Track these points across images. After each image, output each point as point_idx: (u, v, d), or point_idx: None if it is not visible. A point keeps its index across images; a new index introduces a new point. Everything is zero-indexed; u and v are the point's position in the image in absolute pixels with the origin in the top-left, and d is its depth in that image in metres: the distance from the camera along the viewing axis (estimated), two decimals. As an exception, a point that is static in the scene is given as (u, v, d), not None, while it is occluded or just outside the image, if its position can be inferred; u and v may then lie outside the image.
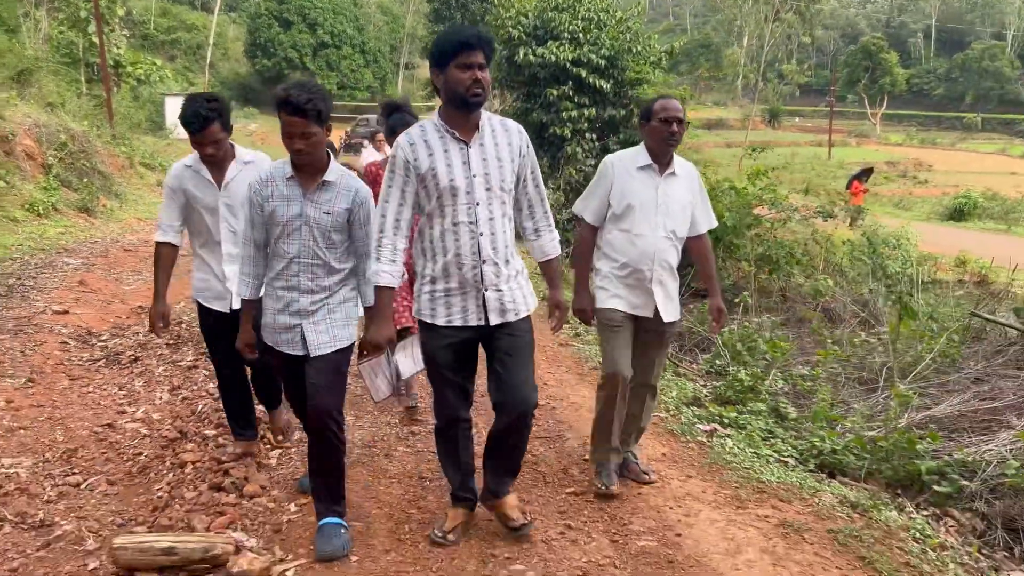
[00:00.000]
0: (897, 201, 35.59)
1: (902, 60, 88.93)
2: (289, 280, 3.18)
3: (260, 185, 3.18)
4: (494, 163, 2.98)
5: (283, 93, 2.98)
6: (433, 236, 3.02)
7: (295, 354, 3.22)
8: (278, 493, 3.68)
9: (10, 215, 11.48)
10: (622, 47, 13.04)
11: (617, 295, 3.71)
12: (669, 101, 3.70)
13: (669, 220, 3.68)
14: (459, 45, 2.82)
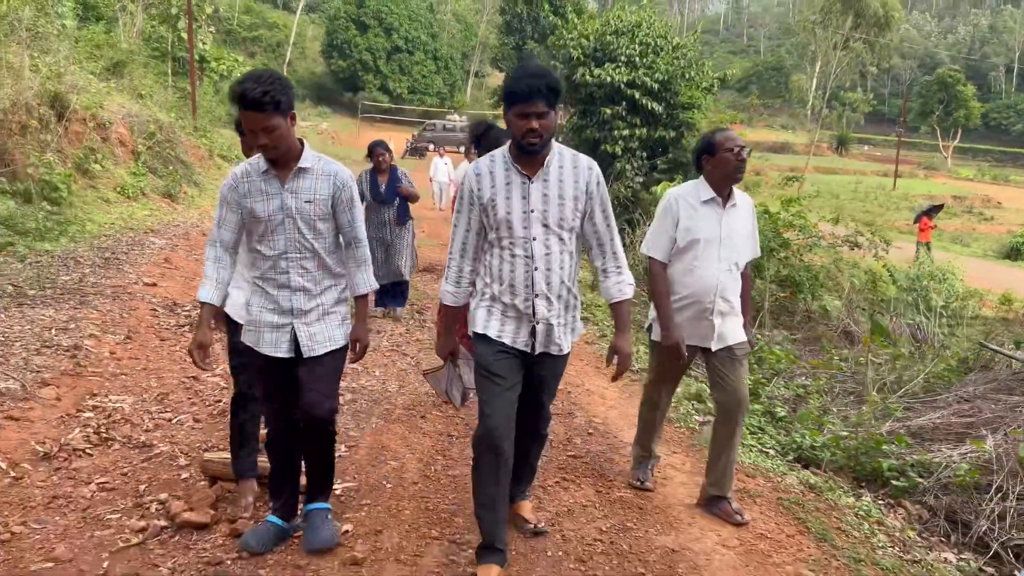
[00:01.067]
0: (957, 236, 35.27)
1: (981, 94, 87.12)
2: (279, 278, 3.08)
3: (236, 182, 3.08)
4: (555, 200, 2.97)
5: (238, 88, 2.88)
6: (492, 263, 3.05)
7: (278, 356, 3.10)
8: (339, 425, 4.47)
9: (104, 196, 12.64)
10: (676, 72, 13.70)
11: (679, 327, 3.75)
12: (728, 132, 3.75)
13: (732, 252, 3.73)
14: (516, 96, 2.86)
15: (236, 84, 2.88)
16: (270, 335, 3.09)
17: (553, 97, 2.88)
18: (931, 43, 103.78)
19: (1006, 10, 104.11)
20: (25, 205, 9.82)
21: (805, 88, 51.18)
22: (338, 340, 3.16)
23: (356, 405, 5.06)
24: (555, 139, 3.05)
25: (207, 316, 3.11)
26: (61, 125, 12.34)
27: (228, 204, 3.07)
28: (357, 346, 3.23)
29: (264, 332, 3.10)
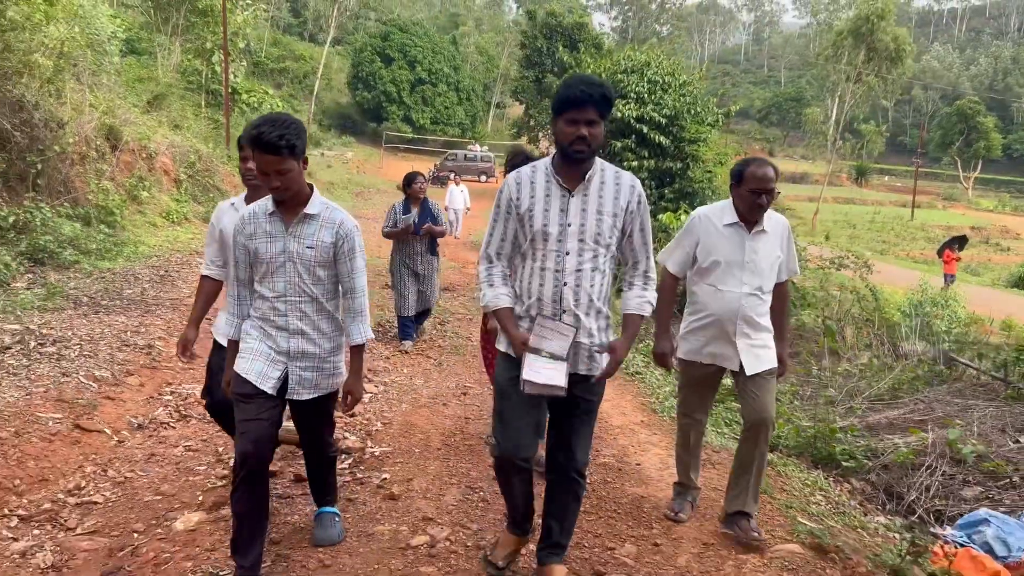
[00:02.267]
0: (968, 266, 35.79)
1: (1004, 125, 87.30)
2: (277, 320, 3.09)
3: (243, 224, 3.09)
4: (593, 215, 2.91)
5: (254, 131, 2.91)
6: (522, 276, 3.01)
7: (265, 390, 3.06)
8: (374, 407, 5.36)
9: (152, 220, 13.73)
10: (683, 108, 14.64)
11: (699, 350, 3.80)
12: (762, 169, 3.64)
13: (756, 277, 3.67)
14: (569, 101, 2.82)
15: (252, 127, 2.95)
16: (261, 365, 3.06)
17: (605, 108, 2.85)
18: (952, 74, 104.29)
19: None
20: (86, 228, 10.86)
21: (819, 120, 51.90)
22: (325, 389, 3.21)
23: (388, 395, 5.96)
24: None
25: (232, 354, 3.19)
26: (115, 155, 13.48)
27: (237, 245, 3.10)
28: (348, 398, 3.20)
29: (256, 361, 3.07)
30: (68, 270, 9.22)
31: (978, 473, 5.19)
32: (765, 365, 3.73)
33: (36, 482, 4.03)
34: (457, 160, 42.73)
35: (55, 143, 10.88)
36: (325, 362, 3.17)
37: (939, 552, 4.14)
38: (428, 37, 58.66)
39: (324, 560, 3.28)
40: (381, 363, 6.82)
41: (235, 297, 3.18)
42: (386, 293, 10.64)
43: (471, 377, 6.67)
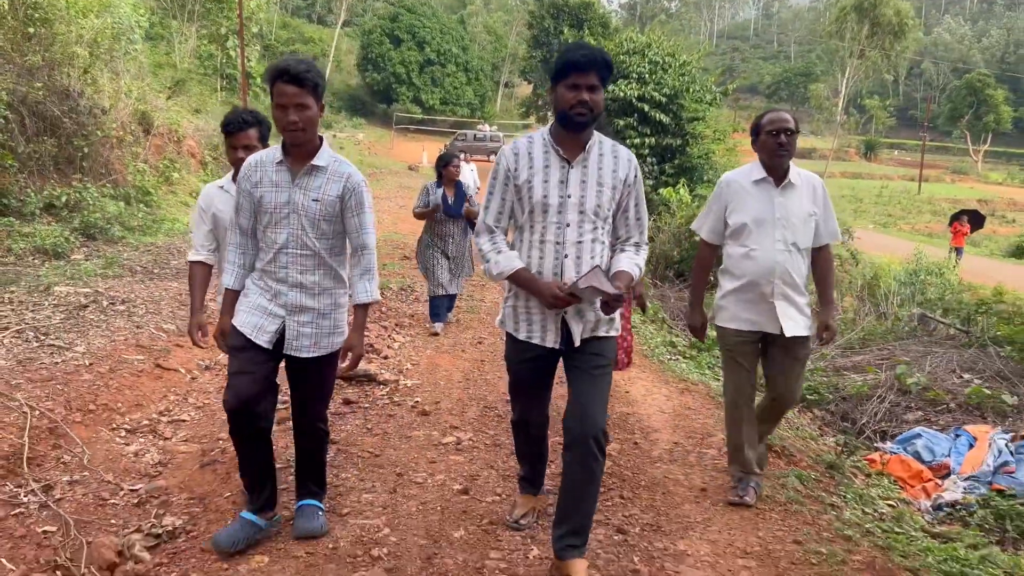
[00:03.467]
0: (971, 239, 36.32)
1: (1016, 98, 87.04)
2: (278, 272, 3.01)
3: (250, 170, 3.02)
4: (593, 187, 2.87)
5: (280, 63, 2.89)
6: (521, 250, 2.96)
7: (259, 343, 3.00)
8: (404, 352, 6.25)
9: (183, 200, 14.63)
10: (682, 87, 15.40)
11: (737, 315, 3.69)
12: (777, 113, 3.67)
13: (789, 232, 3.58)
14: (570, 65, 2.77)
15: (277, 61, 2.93)
16: (258, 319, 3.01)
17: (606, 73, 2.81)
18: (964, 47, 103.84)
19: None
20: (128, 206, 11.77)
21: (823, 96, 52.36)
22: (326, 348, 3.11)
23: (415, 343, 6.85)
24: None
25: (231, 302, 3.12)
26: (147, 139, 14.37)
27: (242, 191, 3.04)
28: (349, 355, 3.12)
29: (253, 314, 3.02)
30: (116, 244, 10.15)
31: (921, 401, 6.05)
32: (804, 330, 3.65)
33: (133, 406, 4.94)
34: (467, 140, 43.33)
35: (97, 128, 11.78)
36: (324, 318, 3.08)
37: (876, 459, 5.02)
38: (437, 18, 58.99)
39: (374, 452, 4.17)
40: (406, 319, 7.71)
41: (236, 246, 3.11)
42: (407, 263, 11.54)
43: (484, 331, 7.56)
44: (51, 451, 4.09)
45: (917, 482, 4.74)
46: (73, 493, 3.69)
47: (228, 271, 3.14)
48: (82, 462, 4.05)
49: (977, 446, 5.04)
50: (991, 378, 6.49)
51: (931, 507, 4.45)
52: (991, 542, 3.91)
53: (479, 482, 3.87)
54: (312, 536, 3.18)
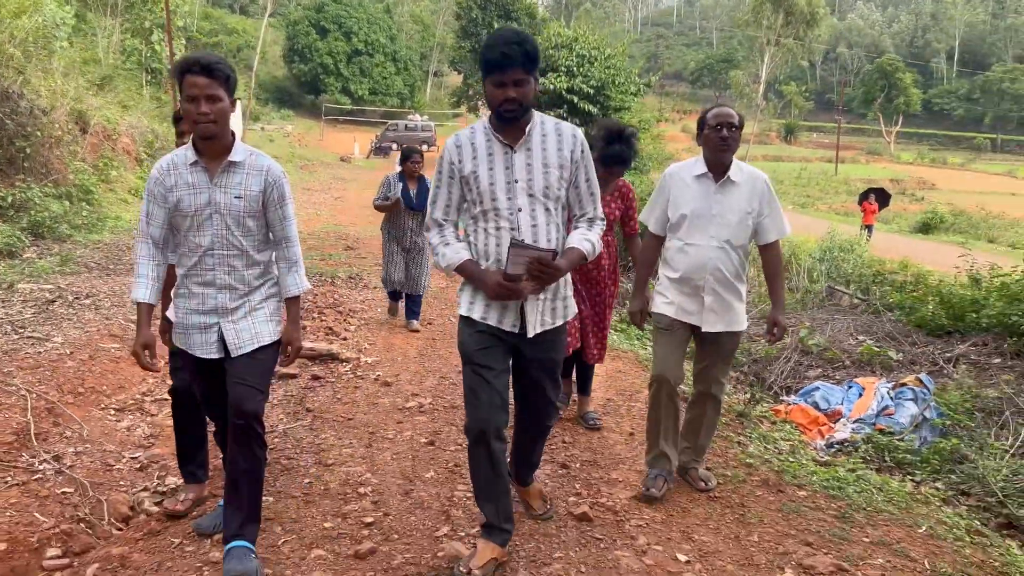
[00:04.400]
0: (882, 216, 38.15)
1: (925, 80, 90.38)
2: (204, 275, 2.93)
3: (161, 175, 2.90)
4: (539, 168, 2.85)
5: (189, 56, 2.81)
6: (477, 240, 2.95)
7: (209, 358, 2.98)
8: (360, 334, 6.80)
9: (122, 198, 14.81)
10: (608, 79, 16.16)
11: (670, 302, 3.70)
12: (721, 109, 3.66)
13: (724, 230, 3.58)
14: (491, 65, 2.72)
15: (185, 55, 2.88)
16: (199, 336, 2.97)
17: (531, 63, 2.75)
18: (875, 32, 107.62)
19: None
20: (71, 205, 11.97)
21: (743, 83, 54.12)
22: (264, 337, 3.01)
23: (369, 326, 7.39)
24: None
25: (145, 316, 2.97)
26: (85, 139, 14.49)
27: (155, 198, 2.92)
28: (288, 349, 3.08)
29: (192, 334, 2.97)
30: (65, 242, 10.40)
31: (821, 360, 6.89)
32: (726, 326, 3.66)
33: (117, 388, 5.41)
34: (398, 130, 43.47)
35: (38, 129, 11.93)
36: (257, 310, 3.01)
37: (781, 409, 5.80)
38: (363, 7, 58.72)
39: (347, 416, 4.75)
40: (358, 305, 8.24)
41: (148, 257, 2.95)
42: (351, 252, 12.03)
43: (433, 312, 8.14)
44: (53, 428, 4.55)
45: (814, 427, 5.52)
46: (81, 461, 4.18)
47: (141, 284, 2.94)
48: (82, 436, 4.53)
49: (865, 395, 5.85)
50: (882, 338, 7.36)
51: (824, 445, 5.22)
52: (871, 469, 4.69)
53: (442, 436, 4.49)
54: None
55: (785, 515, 3.59)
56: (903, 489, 4.27)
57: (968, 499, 4.52)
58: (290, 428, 4.57)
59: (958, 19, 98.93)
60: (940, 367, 6.68)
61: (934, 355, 6.93)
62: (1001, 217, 34.44)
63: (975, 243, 27.69)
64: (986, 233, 30.38)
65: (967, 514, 4.11)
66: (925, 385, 5.82)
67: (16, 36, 13.12)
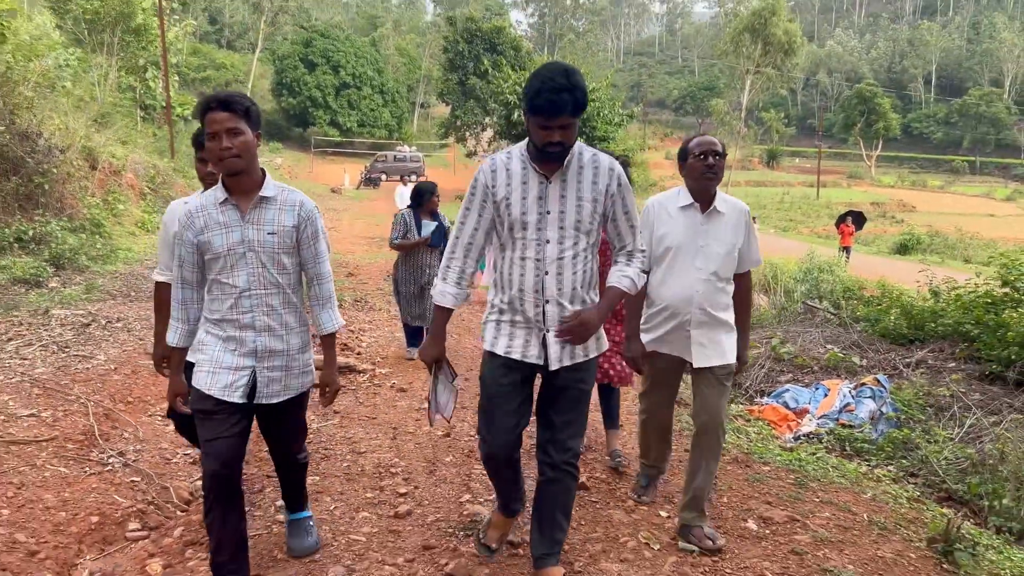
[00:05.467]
0: (862, 238, 39.12)
1: (904, 105, 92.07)
2: (242, 318, 2.85)
3: (191, 218, 2.84)
4: (572, 201, 2.80)
5: (207, 95, 2.81)
6: (503, 268, 2.90)
7: (230, 400, 2.86)
8: (373, 348, 7.43)
9: (130, 231, 15.46)
10: (593, 111, 16.98)
11: (658, 338, 3.61)
12: (704, 137, 3.59)
13: (711, 262, 3.48)
14: (538, 110, 2.65)
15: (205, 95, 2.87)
16: (226, 377, 2.84)
17: (580, 110, 2.69)
18: (854, 58, 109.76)
19: (923, 24, 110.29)
20: (88, 237, 12.61)
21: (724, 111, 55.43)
22: (296, 389, 3.01)
23: (379, 343, 8.03)
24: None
25: (178, 361, 2.98)
26: (94, 175, 15.15)
27: (184, 242, 2.85)
28: (326, 391, 3.10)
29: (220, 373, 2.85)
30: (84, 273, 11.03)
31: (792, 366, 7.57)
32: (716, 360, 3.54)
33: (159, 398, 6.02)
34: (387, 161, 44.24)
35: (54, 167, 12.60)
36: (294, 360, 2.95)
37: (755, 409, 6.47)
38: (350, 41, 59.91)
39: (371, 416, 5.39)
40: (366, 324, 8.89)
41: (179, 301, 2.93)
42: (352, 279, 12.68)
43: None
44: (112, 430, 5.17)
45: (784, 423, 6.20)
46: (142, 457, 4.80)
47: (172, 328, 2.94)
48: (138, 436, 5.16)
49: (830, 394, 6.54)
50: (848, 347, 8.06)
51: (792, 438, 5.89)
52: (832, 455, 5.36)
53: (456, 431, 5.13)
54: (306, 554, 3.31)
55: (750, 483, 4.26)
56: (857, 469, 4.94)
57: (915, 479, 5.20)
58: (323, 426, 5.21)
59: (934, 45, 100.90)
60: (900, 371, 7.38)
61: (895, 360, 7.63)
62: (976, 237, 35.45)
63: (952, 263, 28.66)
64: (962, 253, 31.35)
65: (912, 490, 4.78)
66: (882, 384, 6.51)
67: (29, 79, 13.81)
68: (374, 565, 3.22)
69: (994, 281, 8.32)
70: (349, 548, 3.39)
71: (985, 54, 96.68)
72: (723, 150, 3.54)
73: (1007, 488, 4.56)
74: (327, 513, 3.76)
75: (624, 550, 3.42)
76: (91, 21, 31.28)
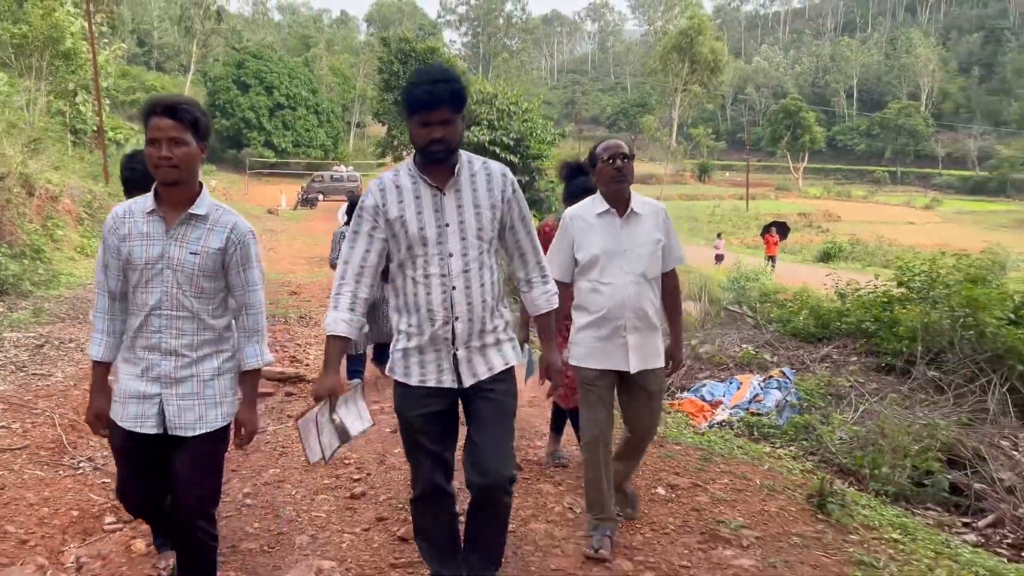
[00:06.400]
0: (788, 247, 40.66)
1: (828, 118, 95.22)
2: (150, 338, 2.66)
3: (116, 222, 2.68)
4: (470, 210, 2.73)
5: (154, 97, 2.64)
6: (405, 290, 2.77)
7: (144, 432, 2.68)
8: (319, 361, 7.85)
9: (69, 255, 15.56)
10: (527, 130, 17.67)
11: (592, 353, 3.53)
12: (611, 141, 3.59)
13: (638, 263, 3.48)
14: (416, 104, 2.61)
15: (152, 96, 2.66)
16: (135, 407, 2.68)
17: (458, 103, 2.64)
18: (780, 74, 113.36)
19: (843, 40, 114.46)
20: (29, 264, 12.73)
21: (654, 127, 56.97)
22: (212, 422, 2.73)
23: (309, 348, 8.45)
24: None
25: (101, 378, 2.80)
26: (32, 201, 15.23)
27: (108, 248, 2.70)
28: (243, 430, 2.83)
29: (129, 404, 2.69)
30: (28, 298, 11.19)
31: (710, 364, 8.24)
32: (652, 363, 3.55)
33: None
34: (324, 182, 44.28)
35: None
36: (207, 387, 2.73)
37: (675, 403, 7.10)
38: (283, 62, 59.83)
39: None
40: (312, 339, 9.32)
41: (103, 311, 2.78)
42: (295, 296, 13.05)
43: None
44: (79, 439, 5.54)
45: (701, 413, 6.83)
46: (109, 462, 5.17)
47: (95, 340, 2.79)
48: (103, 444, 5.50)
49: (742, 387, 7.21)
50: (762, 345, 8.78)
51: (707, 426, 6.53)
52: (740, 438, 6.00)
53: (402, 427, 5.63)
54: None
55: (662, 459, 4.86)
56: (760, 449, 5.58)
57: (814, 457, 5.87)
58: (279, 428, 5.65)
59: (854, 60, 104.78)
60: (807, 365, 8.11)
61: (803, 356, 8.37)
62: (894, 244, 37.21)
63: (871, 268, 30.12)
64: (881, 259, 32.92)
65: (809, 465, 5.44)
66: (787, 376, 7.21)
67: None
68: (335, 534, 3.72)
69: (891, 283, 9.15)
70: (312, 522, 3.87)
71: (903, 68, 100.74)
72: (630, 151, 3.57)
73: (885, 459, 5.25)
74: (289, 497, 4.23)
75: (551, 514, 3.98)
76: (18, 45, 30.95)
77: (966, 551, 4.04)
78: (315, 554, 3.50)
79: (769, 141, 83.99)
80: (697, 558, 3.56)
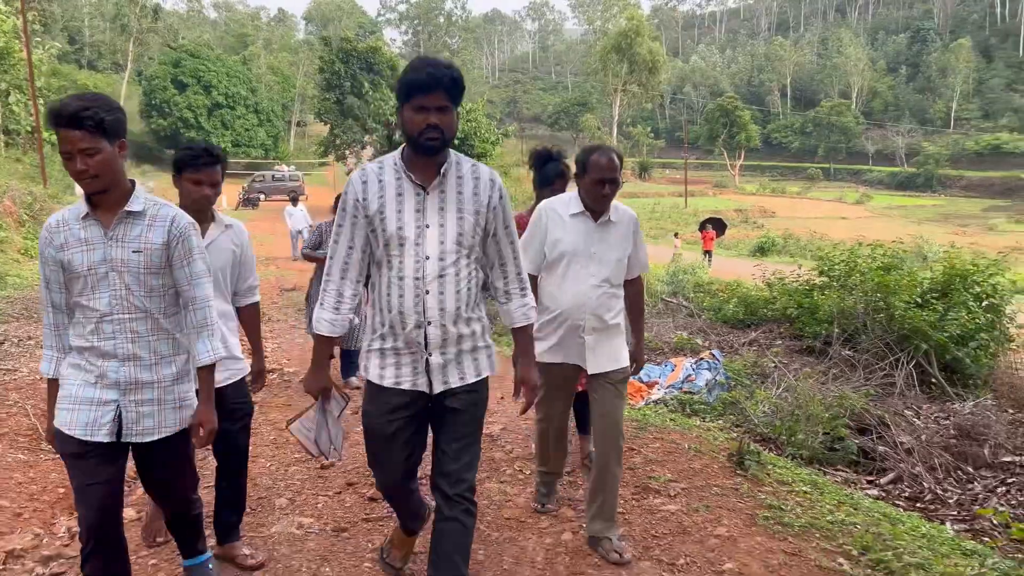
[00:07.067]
0: (723, 243, 41.80)
1: (763, 116, 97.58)
2: (103, 345, 2.58)
3: (50, 234, 2.61)
4: (452, 213, 2.63)
5: (54, 106, 2.48)
6: (381, 288, 2.70)
7: (95, 440, 2.58)
8: (278, 352, 8.20)
9: (13, 257, 15.52)
10: (471, 130, 18.13)
11: (551, 347, 3.58)
12: (605, 157, 3.50)
13: (603, 268, 3.50)
14: (414, 86, 2.52)
15: (53, 104, 2.51)
16: (88, 414, 2.59)
17: (456, 92, 2.56)
18: (717, 72, 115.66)
19: (776, 40, 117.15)
20: (-30, 266, 12.76)
21: (594, 126, 57.89)
22: (171, 426, 2.72)
23: (283, 346, 8.81)
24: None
25: (56, 394, 2.70)
26: (-28, 202, 15.17)
27: (46, 261, 2.64)
28: (201, 430, 2.74)
29: (81, 410, 2.60)
30: (-25, 299, 11.28)
31: (648, 350, 8.79)
32: (610, 365, 3.57)
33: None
34: (265, 181, 43.87)
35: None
36: (168, 392, 2.69)
37: (615, 385, 7.62)
38: (221, 61, 59.24)
39: (286, 403, 6.22)
40: (268, 333, 9.64)
41: (51, 326, 2.71)
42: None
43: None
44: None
45: (638, 394, 7.38)
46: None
47: (47, 358, 2.74)
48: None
49: (676, 369, 7.78)
50: (695, 332, 9.40)
51: (643, 404, 7.07)
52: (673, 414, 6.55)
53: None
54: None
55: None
56: (691, 422, 6.13)
57: (740, 428, 6.45)
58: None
59: (788, 60, 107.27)
60: (736, 349, 8.74)
61: (732, 341, 9.01)
62: (825, 238, 38.58)
63: (803, 261, 31.28)
64: (813, 253, 34.14)
65: (733, 436, 6.01)
66: (716, 358, 7.81)
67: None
68: (310, 496, 4.15)
69: (813, 272, 9.85)
70: (288, 488, 4.30)
71: (834, 68, 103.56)
72: (620, 165, 3.55)
73: (800, 427, 5.86)
74: (264, 468, 4.64)
75: (503, 475, 4.47)
76: (-52, 45, 30.35)
77: (867, 502, 4.64)
78: (295, 513, 3.93)
79: (706, 139, 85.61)
80: (631, 505, 4.09)
